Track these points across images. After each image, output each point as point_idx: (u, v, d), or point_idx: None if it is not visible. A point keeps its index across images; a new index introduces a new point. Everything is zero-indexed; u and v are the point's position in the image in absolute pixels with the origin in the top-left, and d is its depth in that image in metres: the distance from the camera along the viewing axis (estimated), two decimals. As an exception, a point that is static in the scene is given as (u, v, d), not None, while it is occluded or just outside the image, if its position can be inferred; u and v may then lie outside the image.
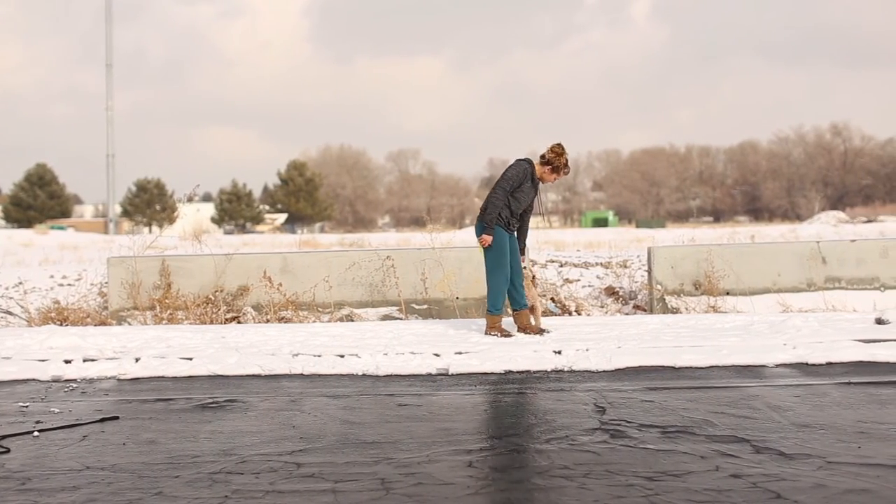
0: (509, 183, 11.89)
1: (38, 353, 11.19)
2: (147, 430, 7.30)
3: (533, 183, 12.16)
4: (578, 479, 5.56)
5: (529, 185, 12.10)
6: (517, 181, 11.92)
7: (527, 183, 12.04)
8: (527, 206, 12.33)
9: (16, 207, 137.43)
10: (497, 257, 11.99)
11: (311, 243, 45.23)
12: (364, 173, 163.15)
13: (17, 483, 5.70)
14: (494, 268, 12.03)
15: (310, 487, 5.51)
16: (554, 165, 12.18)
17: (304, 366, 10.12)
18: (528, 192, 12.12)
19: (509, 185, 11.89)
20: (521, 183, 11.96)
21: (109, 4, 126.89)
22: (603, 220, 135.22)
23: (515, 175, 11.93)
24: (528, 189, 12.12)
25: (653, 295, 15.72)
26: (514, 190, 11.96)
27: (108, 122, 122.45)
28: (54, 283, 21.58)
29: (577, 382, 9.10)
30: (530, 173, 12.06)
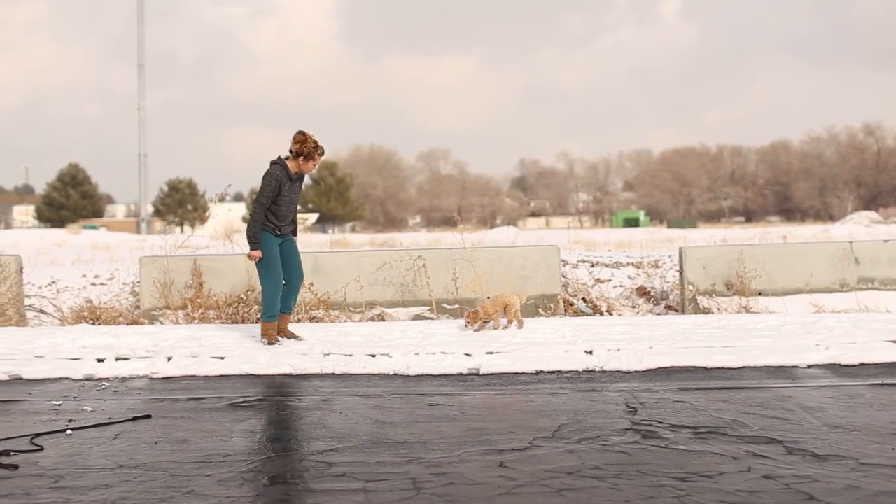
0: (265, 195, 11.65)
1: (71, 351, 11.23)
2: (179, 429, 7.32)
3: (292, 181, 11.92)
4: (610, 479, 5.56)
5: (289, 185, 11.88)
6: (273, 190, 11.69)
7: (285, 186, 11.81)
8: (295, 204, 12.22)
9: (49, 207, 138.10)
10: (268, 265, 11.85)
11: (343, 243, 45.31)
12: (395, 173, 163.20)
13: (50, 481, 5.73)
14: (266, 275, 11.89)
15: (341, 487, 5.52)
16: (304, 153, 11.83)
17: (336, 365, 10.13)
18: (289, 193, 11.92)
19: (265, 197, 11.66)
20: (278, 190, 11.75)
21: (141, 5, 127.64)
22: (634, 220, 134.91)
23: (269, 185, 11.66)
24: (289, 190, 11.90)
25: (684, 295, 15.66)
26: (276, 197, 11.77)
27: (139, 122, 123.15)
28: (87, 282, 21.65)
29: (609, 383, 9.09)
30: (285, 175, 11.80)
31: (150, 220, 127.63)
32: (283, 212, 11.89)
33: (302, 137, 11.80)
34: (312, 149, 11.82)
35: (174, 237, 17.06)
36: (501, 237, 46.78)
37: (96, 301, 15.87)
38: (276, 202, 11.76)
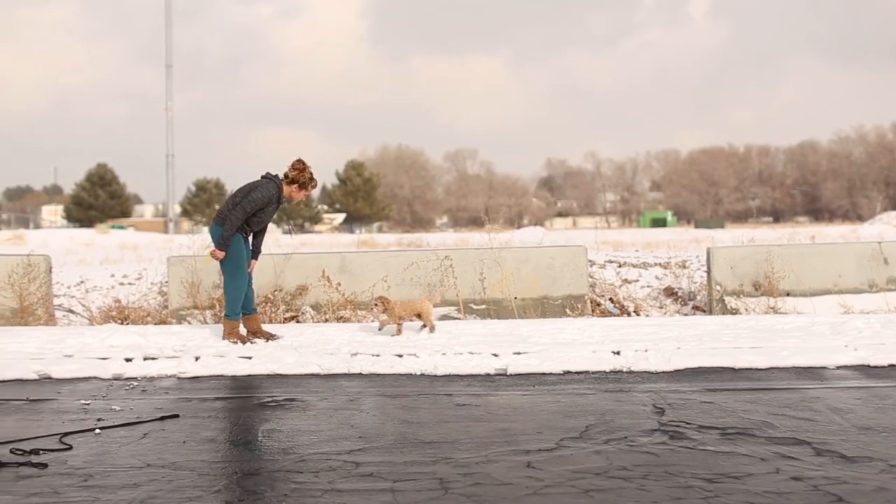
0: (252, 206, 11.66)
1: (100, 351, 11.27)
2: (207, 429, 7.34)
3: (278, 203, 12.03)
4: (637, 480, 5.55)
5: (274, 206, 11.99)
6: (261, 204, 11.75)
7: (271, 205, 11.90)
8: (267, 223, 12.28)
9: (77, 207, 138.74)
10: (234, 264, 11.85)
11: (370, 243, 45.33)
12: (422, 173, 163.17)
13: (79, 479, 5.76)
14: (231, 275, 11.90)
15: (368, 486, 5.52)
16: (300, 183, 12.02)
17: (363, 365, 10.14)
18: (270, 213, 12.02)
19: (251, 207, 11.66)
20: (265, 206, 11.83)
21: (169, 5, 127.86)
22: (661, 220, 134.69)
23: (261, 199, 11.70)
24: (272, 210, 12.01)
25: (712, 296, 15.63)
26: (260, 211, 11.82)
27: (167, 123, 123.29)
28: (115, 282, 21.76)
29: (636, 383, 9.07)
30: (276, 196, 11.89)
31: (178, 220, 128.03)
32: (256, 225, 12.06)
33: (301, 166, 12.00)
34: (308, 180, 12.06)
35: (202, 237, 17.10)
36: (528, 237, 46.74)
37: (124, 301, 15.94)
38: (257, 214, 11.83)
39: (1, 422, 7.74)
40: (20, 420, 7.81)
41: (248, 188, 11.84)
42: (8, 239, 68.89)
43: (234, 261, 11.81)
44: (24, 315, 14.88)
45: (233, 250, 11.75)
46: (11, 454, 6.43)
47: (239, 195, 11.80)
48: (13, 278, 14.93)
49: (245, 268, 12.00)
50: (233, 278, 11.90)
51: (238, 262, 11.85)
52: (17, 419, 7.85)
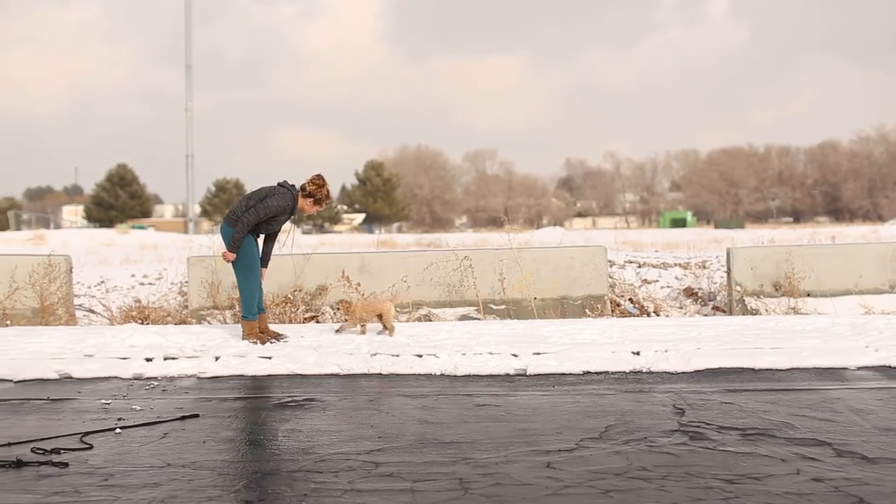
0: (266, 212, 11.73)
1: (120, 351, 11.31)
2: (227, 429, 7.36)
3: (291, 213, 12.12)
4: (657, 480, 5.55)
5: (287, 216, 12.08)
6: (275, 212, 11.82)
7: (285, 214, 12.00)
8: (278, 230, 12.38)
9: (97, 207, 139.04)
10: (246, 265, 11.92)
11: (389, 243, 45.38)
12: (441, 173, 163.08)
13: (99, 479, 5.78)
14: (244, 276, 11.97)
15: (388, 487, 5.53)
16: (316, 198, 12.08)
17: (383, 365, 10.15)
18: (281, 221, 12.12)
19: (265, 213, 11.74)
20: (279, 214, 11.90)
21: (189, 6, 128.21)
22: (681, 220, 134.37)
23: (276, 207, 11.76)
24: (284, 219, 12.12)
25: (732, 296, 15.60)
26: (272, 217, 11.88)
27: (187, 123, 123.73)
28: (135, 282, 21.81)
29: (656, 384, 9.06)
30: (290, 207, 11.98)
31: (198, 221, 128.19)
32: (265, 229, 12.16)
33: (321, 182, 12.09)
34: (324, 196, 12.14)
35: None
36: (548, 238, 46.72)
37: (145, 301, 15.99)
38: (268, 221, 11.91)
39: (22, 421, 7.78)
40: (41, 419, 7.84)
41: (263, 193, 11.90)
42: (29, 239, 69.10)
43: (245, 262, 11.88)
44: (45, 315, 14.93)
45: (244, 252, 11.81)
46: (33, 453, 6.46)
47: (254, 198, 11.85)
48: (34, 278, 14.99)
49: (257, 268, 12.06)
50: (245, 279, 11.96)
51: (250, 262, 11.92)
52: (38, 418, 7.88)
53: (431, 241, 51.57)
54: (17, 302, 14.99)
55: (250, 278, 11.94)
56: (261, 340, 11.83)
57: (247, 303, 12.02)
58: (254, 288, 12.00)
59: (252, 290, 11.99)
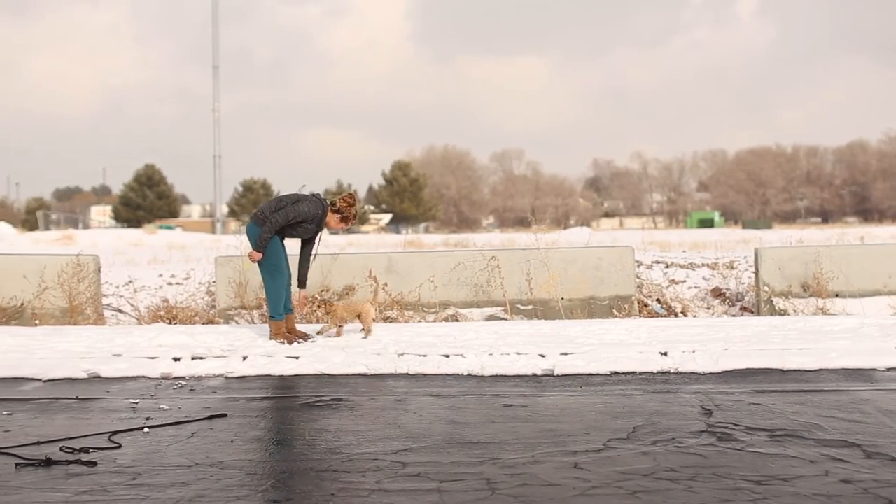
0: (295, 216, 11.80)
1: (148, 350, 11.35)
2: (254, 428, 7.38)
3: (318, 225, 12.16)
4: (685, 481, 5.54)
5: (314, 226, 12.10)
6: (304, 218, 11.88)
7: (312, 223, 12.02)
8: (305, 238, 12.36)
9: (125, 207, 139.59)
10: (273, 265, 11.97)
11: (416, 243, 45.36)
12: (468, 173, 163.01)
13: (128, 478, 5.80)
14: (271, 276, 12.01)
15: (415, 487, 5.53)
16: (343, 215, 12.21)
17: (410, 365, 10.15)
18: (308, 230, 12.13)
19: (294, 217, 11.80)
20: (306, 220, 11.93)
21: (216, 6, 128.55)
22: (709, 220, 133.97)
23: (305, 213, 11.85)
24: (312, 228, 12.13)
25: (760, 297, 15.55)
26: (298, 223, 11.93)
27: (214, 123, 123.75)
28: (163, 281, 21.87)
29: (684, 384, 9.04)
30: (319, 218, 12.05)
31: (225, 221, 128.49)
32: (290, 234, 12.21)
33: (352, 201, 12.27)
34: (352, 216, 12.28)
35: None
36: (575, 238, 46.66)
37: (172, 300, 16.04)
38: (294, 226, 11.98)
39: (51, 420, 7.82)
40: (70, 418, 7.88)
41: (295, 197, 11.98)
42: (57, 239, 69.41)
43: (272, 262, 11.94)
44: (74, 314, 15.00)
45: (270, 252, 11.87)
46: (62, 452, 6.49)
47: (285, 201, 11.92)
48: (63, 278, 15.06)
49: (284, 268, 12.10)
50: (273, 279, 12.01)
51: (276, 262, 11.98)
52: (67, 417, 7.92)
53: (458, 241, 51.55)
54: (46, 301, 15.06)
55: (277, 278, 11.98)
56: (288, 340, 11.87)
57: (274, 303, 12.06)
58: (280, 288, 12.04)
59: (279, 291, 12.02)
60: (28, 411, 8.22)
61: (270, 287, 12.05)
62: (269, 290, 12.07)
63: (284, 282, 12.12)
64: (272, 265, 11.93)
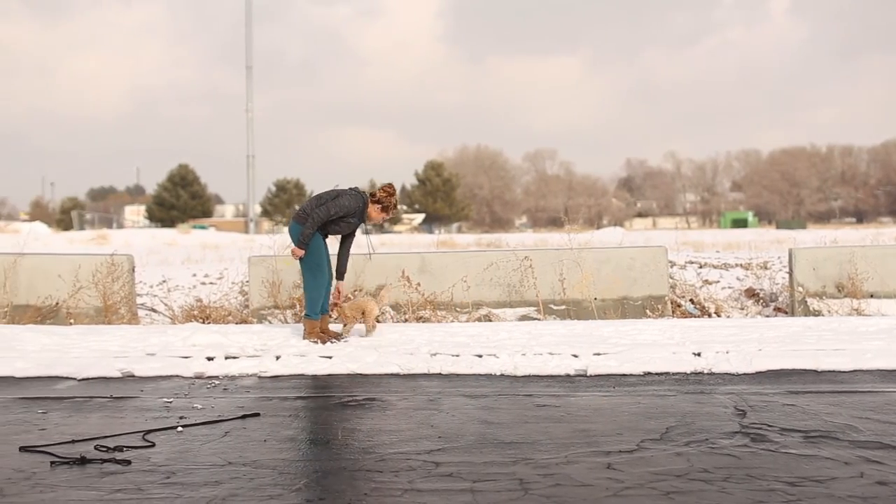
0: (337, 210, 11.81)
1: (182, 350, 11.40)
2: (287, 428, 7.39)
3: (360, 218, 12.15)
4: (718, 482, 5.52)
5: (356, 220, 12.10)
6: (345, 212, 11.88)
7: (354, 217, 12.02)
8: (347, 233, 12.38)
9: (159, 207, 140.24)
10: (314, 263, 11.95)
11: (449, 243, 45.31)
12: (501, 173, 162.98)
13: (161, 476, 5.82)
14: (312, 274, 12.00)
15: (448, 486, 5.53)
16: (384, 205, 12.20)
17: (443, 365, 10.16)
18: (351, 224, 12.14)
19: (335, 212, 11.81)
20: (348, 215, 11.94)
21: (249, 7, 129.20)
22: (742, 220, 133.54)
23: (347, 207, 11.86)
24: (354, 222, 12.13)
25: (794, 297, 15.47)
26: (340, 218, 11.92)
27: (247, 123, 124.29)
28: (196, 281, 21.94)
29: (717, 385, 9.01)
30: (360, 210, 12.04)
31: (258, 221, 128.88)
32: (333, 230, 12.20)
33: (391, 191, 12.28)
34: (392, 206, 12.30)
35: (282, 237, 17.23)
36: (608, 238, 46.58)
37: (206, 300, 16.10)
38: (336, 221, 11.99)
39: (86, 419, 7.85)
40: (104, 417, 7.91)
41: (335, 193, 12.02)
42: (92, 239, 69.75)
43: (314, 260, 11.93)
44: (108, 314, 15.07)
45: (312, 250, 11.87)
46: (96, 451, 6.52)
47: (325, 197, 11.95)
48: (97, 277, 15.13)
49: (325, 267, 12.08)
50: (313, 278, 12.00)
51: (318, 261, 11.96)
52: (102, 416, 7.95)
53: (491, 241, 51.50)
54: (80, 301, 15.13)
55: (318, 277, 11.99)
56: (321, 340, 11.88)
57: (312, 301, 12.08)
58: (320, 287, 12.05)
59: (318, 289, 12.04)
60: (63, 410, 8.26)
61: (311, 286, 12.05)
62: (309, 289, 12.08)
63: (325, 281, 12.12)
64: (314, 263, 11.94)
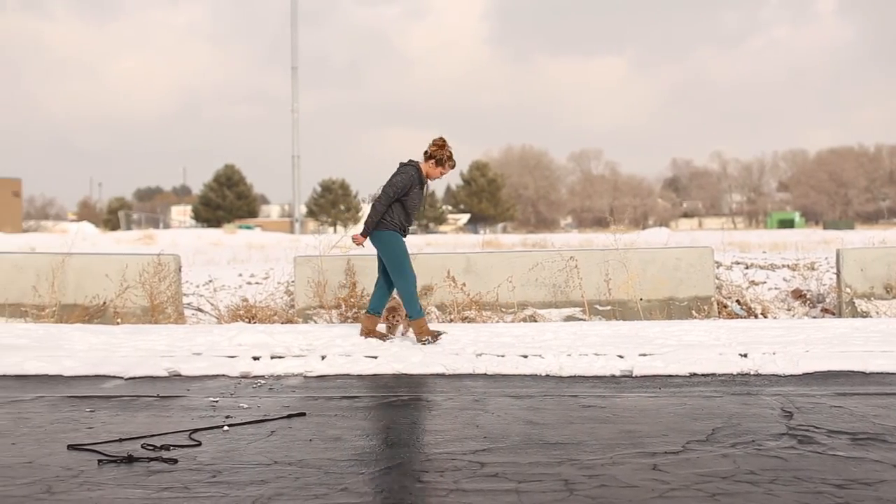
0: (394, 189, 11.72)
1: (228, 349, 11.45)
2: (333, 427, 7.40)
3: (421, 186, 12.04)
4: (765, 484, 5.48)
5: (418, 189, 11.98)
6: (404, 188, 11.76)
7: (415, 188, 11.91)
8: (418, 209, 12.29)
9: (205, 207, 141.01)
10: (399, 263, 11.88)
11: (494, 244, 45.31)
12: (546, 174, 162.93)
13: (207, 476, 5.84)
14: (399, 274, 11.90)
15: (493, 487, 5.52)
16: (437, 159, 11.98)
17: (488, 366, 10.15)
18: (417, 196, 12.02)
19: (394, 191, 11.71)
20: (409, 189, 11.82)
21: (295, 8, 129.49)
22: (789, 221, 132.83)
23: (402, 182, 11.74)
24: (417, 193, 12.00)
25: (841, 298, 15.37)
26: (403, 196, 11.82)
27: (293, 124, 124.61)
28: (242, 281, 22.04)
29: (764, 386, 8.96)
30: (417, 178, 11.91)
31: (304, 221, 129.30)
32: (410, 212, 12.07)
33: (441, 143, 12.04)
34: (447, 157, 12.07)
35: (327, 237, 17.29)
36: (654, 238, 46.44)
37: (252, 300, 16.16)
38: (405, 203, 11.91)
39: (133, 417, 7.90)
40: (151, 416, 7.95)
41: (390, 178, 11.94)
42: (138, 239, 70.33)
43: (398, 260, 11.93)
44: (155, 313, 15.16)
45: (394, 250, 11.87)
46: (143, 449, 6.56)
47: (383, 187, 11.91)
48: (144, 277, 15.23)
49: (408, 264, 12.00)
50: (405, 280, 11.94)
51: (401, 260, 11.93)
52: (148, 415, 8.00)
53: (536, 241, 51.53)
54: (127, 300, 15.23)
55: (408, 277, 11.93)
56: (433, 337, 11.90)
57: (409, 301, 12.00)
58: (411, 285, 11.97)
59: (412, 289, 11.97)
60: (110, 409, 8.31)
61: (403, 288, 11.98)
62: (403, 291, 12.01)
63: (413, 278, 12.03)
64: (398, 263, 11.90)
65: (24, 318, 15.29)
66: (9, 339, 12.39)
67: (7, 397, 8.94)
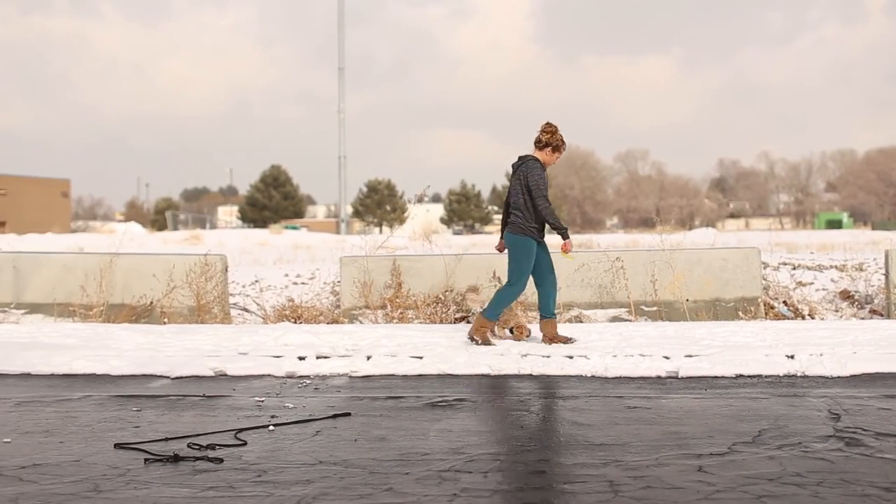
0: (544, 185, 11.43)
1: (274, 349, 11.49)
2: (378, 427, 7.41)
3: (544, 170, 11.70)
4: (811, 486, 5.45)
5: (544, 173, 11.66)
6: (545, 181, 11.52)
7: (544, 171, 11.63)
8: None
9: (252, 208, 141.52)
10: (522, 272, 11.63)
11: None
12: (592, 174, 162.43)
13: (253, 475, 5.86)
14: (517, 279, 11.65)
15: (538, 485, 5.51)
16: (554, 145, 11.64)
17: (533, 366, 10.14)
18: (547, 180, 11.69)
19: (544, 186, 11.43)
20: (546, 182, 11.55)
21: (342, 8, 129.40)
22: (837, 221, 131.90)
23: (543, 178, 11.47)
24: (546, 178, 11.68)
25: (890, 299, 15.25)
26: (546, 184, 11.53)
27: (339, 124, 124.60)
28: (288, 281, 22.07)
29: (811, 388, 8.91)
30: (541, 166, 11.58)
31: (350, 221, 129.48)
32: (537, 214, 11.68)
33: (552, 129, 11.70)
34: (560, 142, 11.73)
35: (373, 237, 17.33)
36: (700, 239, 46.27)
37: (298, 300, 16.20)
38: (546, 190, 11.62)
39: (179, 417, 7.94)
40: (197, 415, 8.00)
41: (528, 182, 11.56)
42: (185, 239, 70.58)
43: (522, 268, 11.70)
44: (201, 313, 15.24)
45: (523, 254, 11.63)
46: (189, 448, 6.59)
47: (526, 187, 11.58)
48: (191, 277, 15.32)
49: (527, 275, 11.74)
50: (513, 284, 11.76)
51: (527, 266, 11.69)
52: (194, 414, 8.04)
53: (582, 241, 51.33)
54: (174, 300, 15.34)
55: (518, 288, 11.78)
56: (484, 341, 11.81)
57: (496, 304, 11.88)
58: (515, 294, 11.83)
59: (511, 297, 11.83)
60: (156, 408, 8.37)
61: (507, 292, 11.81)
62: (504, 294, 11.84)
63: (522, 289, 11.84)
64: (521, 272, 11.68)
65: (72, 317, 15.41)
66: (57, 339, 12.51)
67: (55, 396, 9.03)
